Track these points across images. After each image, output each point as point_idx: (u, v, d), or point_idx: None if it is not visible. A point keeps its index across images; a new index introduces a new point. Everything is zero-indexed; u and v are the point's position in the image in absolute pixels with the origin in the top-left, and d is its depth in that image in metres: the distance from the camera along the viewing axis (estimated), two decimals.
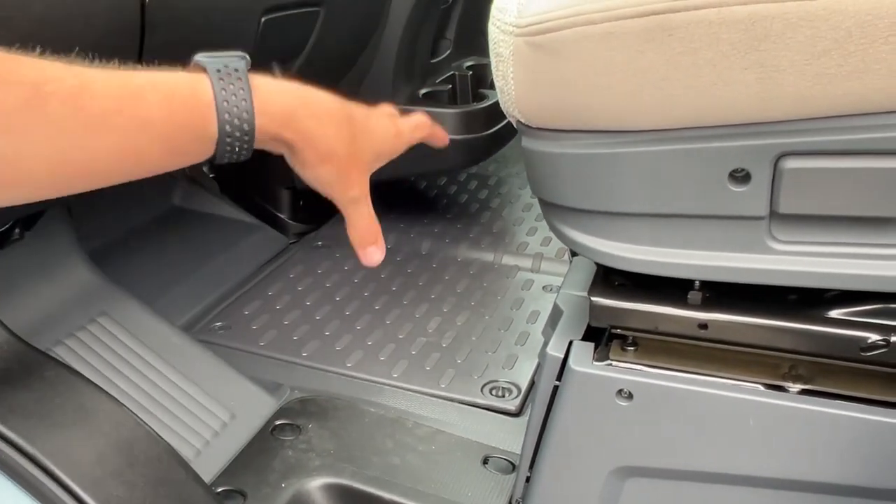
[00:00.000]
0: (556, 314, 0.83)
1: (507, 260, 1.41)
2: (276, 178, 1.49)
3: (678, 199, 0.65)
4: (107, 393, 0.79)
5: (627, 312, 0.72)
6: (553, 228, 0.74)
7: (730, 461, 0.73)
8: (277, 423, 0.98)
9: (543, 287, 1.33)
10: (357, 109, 0.60)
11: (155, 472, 0.75)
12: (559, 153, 0.69)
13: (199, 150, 0.51)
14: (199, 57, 0.51)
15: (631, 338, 0.75)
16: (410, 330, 1.20)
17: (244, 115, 0.49)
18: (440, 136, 0.72)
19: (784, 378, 0.71)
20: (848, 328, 0.66)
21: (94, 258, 1.12)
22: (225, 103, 0.49)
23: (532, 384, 1.08)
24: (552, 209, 0.74)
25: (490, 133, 1.41)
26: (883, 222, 0.61)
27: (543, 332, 0.90)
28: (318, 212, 1.53)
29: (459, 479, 0.91)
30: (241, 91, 0.49)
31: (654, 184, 0.65)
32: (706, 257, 0.67)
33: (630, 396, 0.73)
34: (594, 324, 0.74)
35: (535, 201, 0.81)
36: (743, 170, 0.61)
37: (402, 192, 1.65)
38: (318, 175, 0.57)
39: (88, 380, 0.79)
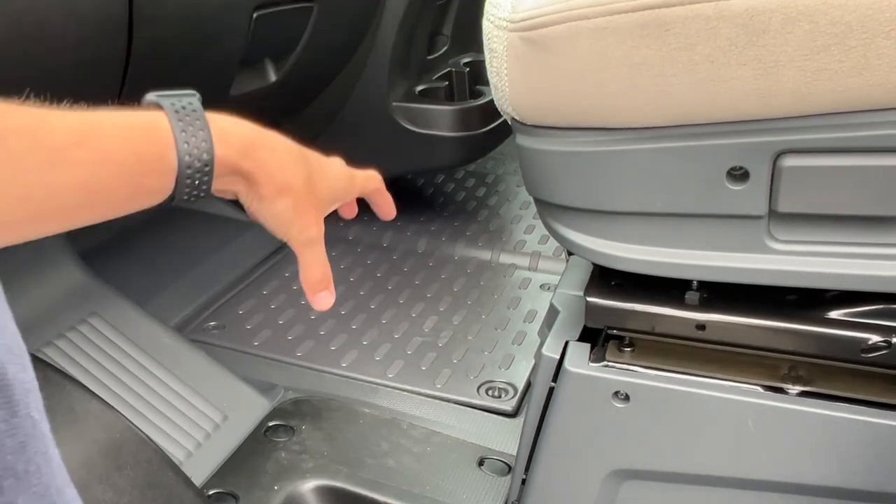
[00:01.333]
0: (552, 314, 0.82)
1: (505, 258, 1.39)
2: None
3: (675, 198, 0.63)
4: (96, 395, 0.78)
5: (624, 313, 0.71)
6: (548, 227, 0.73)
7: (728, 464, 0.71)
8: (270, 424, 0.97)
9: (541, 286, 1.32)
10: (311, 151, 0.60)
11: (144, 475, 0.74)
12: (554, 151, 0.68)
13: (160, 184, 0.50)
14: (151, 96, 0.51)
15: (628, 338, 0.73)
16: (406, 329, 1.19)
17: (203, 144, 0.49)
18: (387, 204, 0.71)
19: (783, 380, 0.69)
20: (848, 329, 0.65)
21: (86, 258, 1.10)
22: (183, 133, 0.49)
23: (529, 385, 1.06)
24: (547, 208, 0.72)
25: (487, 130, 1.40)
26: (884, 221, 0.60)
27: (539, 333, 0.89)
28: None
29: (455, 481, 0.90)
30: (198, 122, 0.50)
31: (651, 182, 0.64)
32: (704, 257, 0.65)
33: (627, 398, 0.72)
34: (590, 324, 0.73)
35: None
36: (741, 168, 0.60)
37: (399, 189, 1.63)
38: (275, 211, 0.56)
39: (77, 382, 0.78)
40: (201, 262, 1.31)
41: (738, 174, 0.60)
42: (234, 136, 0.52)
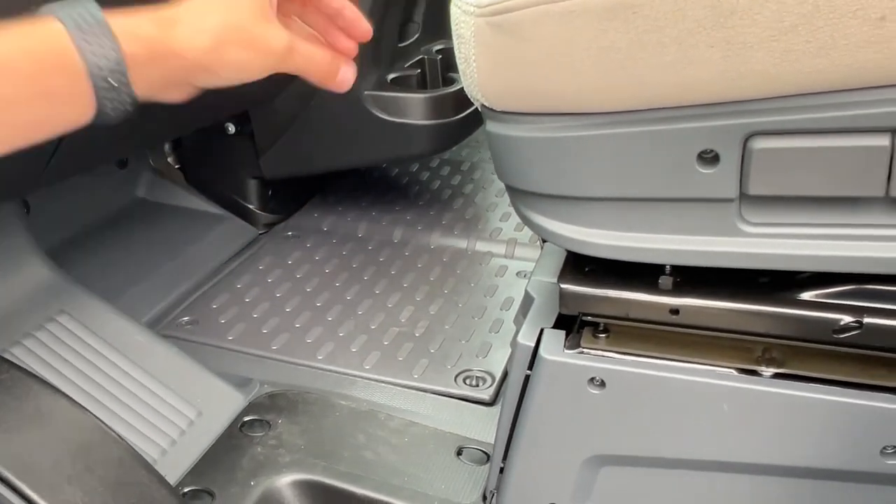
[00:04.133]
0: (527, 302, 0.81)
1: (481, 246, 1.39)
2: (243, 167, 1.46)
3: (646, 183, 0.63)
4: (64, 395, 0.76)
5: (598, 299, 0.70)
6: (520, 215, 0.72)
7: (704, 447, 0.71)
8: (246, 419, 0.96)
9: (517, 273, 1.31)
10: None
11: (115, 475, 0.72)
12: (524, 137, 0.67)
13: (71, 88, 0.48)
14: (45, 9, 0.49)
15: (602, 325, 0.73)
16: (382, 320, 1.18)
17: (105, 41, 0.48)
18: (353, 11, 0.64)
19: (757, 362, 0.69)
20: (820, 310, 0.65)
21: (54, 255, 1.08)
22: (79, 31, 0.47)
23: (506, 373, 1.06)
24: (519, 195, 0.72)
25: (461, 117, 1.39)
26: (853, 202, 0.60)
27: (515, 320, 0.89)
28: (288, 201, 1.51)
29: (433, 472, 0.90)
30: (96, 25, 0.48)
31: (622, 167, 0.63)
32: (676, 241, 0.65)
33: (602, 384, 0.72)
34: (564, 311, 0.73)
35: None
36: (711, 151, 0.59)
37: (374, 179, 1.62)
38: (230, 74, 0.54)
39: (45, 381, 0.76)
40: (172, 256, 1.29)
41: (709, 157, 0.60)
42: (141, 31, 0.50)
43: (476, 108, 0.70)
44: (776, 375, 0.69)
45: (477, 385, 1.04)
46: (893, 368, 0.66)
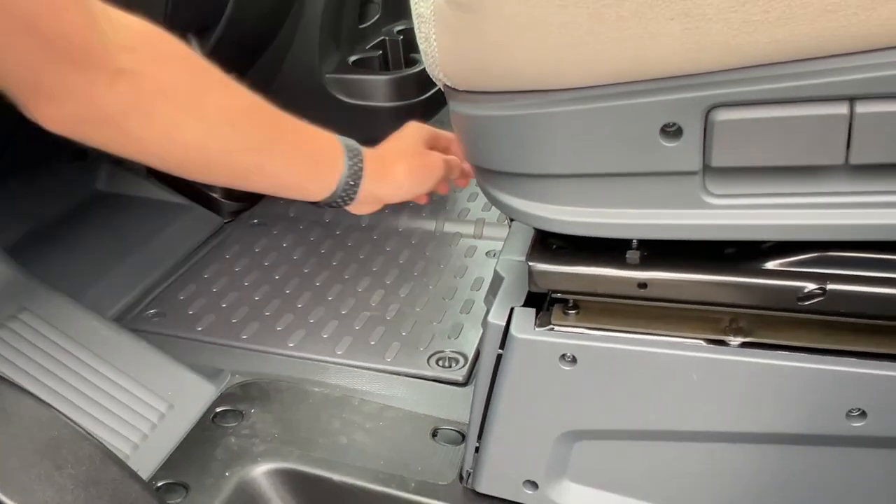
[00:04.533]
0: (496, 281, 0.81)
1: (449, 227, 1.38)
2: None
3: (610, 158, 0.63)
4: (30, 393, 0.75)
5: (567, 276, 0.71)
6: (487, 194, 0.72)
7: (676, 418, 0.72)
8: (218, 410, 0.95)
9: (486, 253, 1.31)
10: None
11: (86, 472, 0.71)
12: (487, 116, 0.66)
13: (328, 172, 0.75)
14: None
15: (571, 301, 0.73)
16: (353, 305, 1.18)
17: (357, 171, 0.77)
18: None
19: (725, 332, 0.70)
20: (785, 279, 0.66)
21: (14, 252, 1.06)
22: (349, 160, 0.76)
23: (478, 353, 1.06)
24: (484, 174, 0.71)
25: (425, 98, 1.38)
26: (815, 171, 0.60)
27: (485, 300, 0.89)
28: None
29: (409, 454, 0.90)
30: (358, 158, 0.78)
31: (586, 143, 0.63)
32: (642, 216, 0.65)
33: (574, 360, 0.72)
34: (533, 289, 0.73)
35: None
36: (674, 124, 0.60)
37: None
38: (419, 188, 0.84)
39: (8, 380, 0.75)
40: (136, 248, 1.27)
41: (672, 131, 0.60)
42: (372, 164, 0.78)
43: (439, 89, 0.70)
44: (743, 345, 0.70)
45: (450, 366, 1.04)
46: (857, 333, 0.67)
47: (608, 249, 0.70)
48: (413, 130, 0.84)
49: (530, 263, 0.71)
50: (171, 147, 0.64)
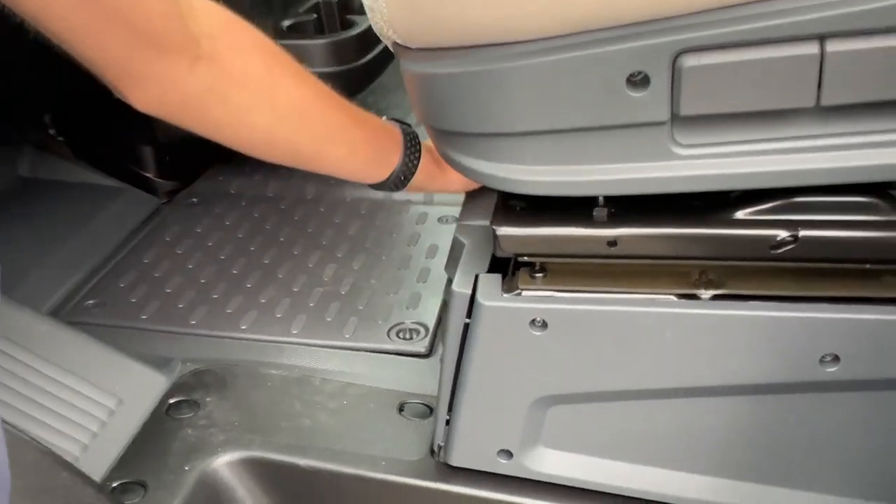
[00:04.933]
0: (456, 248, 0.78)
1: (398, 195, 1.34)
2: (135, 133, 1.36)
3: (575, 113, 0.60)
4: None
5: (534, 239, 0.68)
6: (445, 157, 0.68)
7: (650, 376, 0.71)
8: (172, 401, 0.90)
9: (439, 219, 1.28)
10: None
11: (35, 481, 0.66)
12: (443, 74, 0.63)
13: (387, 159, 0.79)
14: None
15: (538, 264, 0.71)
16: (305, 282, 1.13)
17: (413, 163, 0.80)
18: None
19: (695, 286, 0.69)
20: (756, 228, 0.65)
21: None
22: (407, 150, 0.79)
23: (439, 322, 1.04)
24: (442, 136, 0.68)
25: (365, 62, 1.33)
26: (785, 115, 0.58)
27: (446, 269, 0.86)
28: (189, 166, 1.42)
29: (376, 432, 0.87)
30: (416, 147, 0.81)
31: (548, 98, 0.60)
32: (609, 171, 0.63)
33: (544, 325, 0.70)
34: (499, 254, 0.70)
35: (422, 129, 0.77)
36: (641, 73, 0.57)
37: None
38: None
39: None
40: (69, 237, 1.20)
41: (639, 80, 0.57)
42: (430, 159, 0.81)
43: (380, 51, 0.66)
44: (715, 297, 0.68)
45: (411, 338, 1.01)
46: (828, 279, 0.66)
47: (574, 208, 0.68)
48: None
49: (495, 227, 0.68)
50: (242, 130, 0.70)
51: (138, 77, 0.62)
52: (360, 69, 1.35)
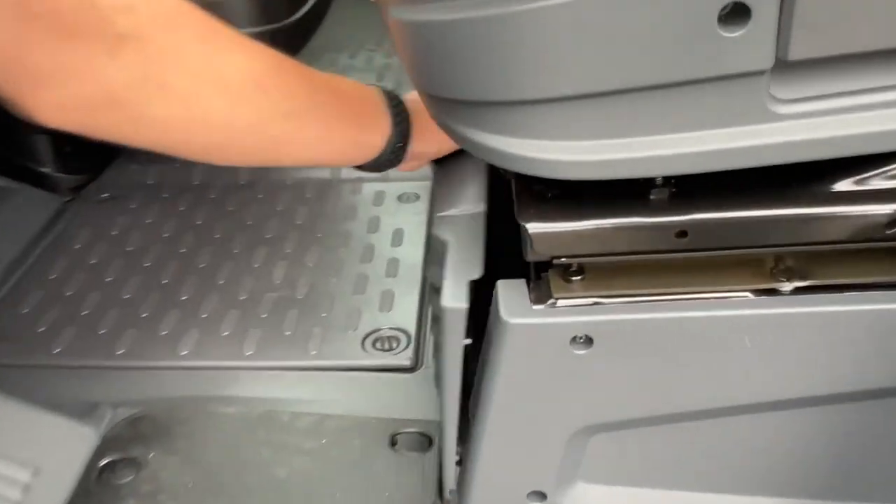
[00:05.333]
0: (439, 247, 0.62)
1: (348, 172, 1.16)
2: (25, 122, 1.13)
3: (638, 66, 0.44)
4: None
5: (582, 236, 0.52)
6: (454, 134, 0.51)
7: (724, 392, 0.57)
8: (104, 461, 0.71)
9: (399, 198, 1.11)
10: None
11: None
12: (449, 21, 0.45)
13: (375, 140, 0.65)
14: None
15: (575, 264, 0.55)
16: (252, 287, 0.95)
17: (404, 127, 0.66)
18: None
19: (773, 277, 0.54)
20: (869, 202, 0.50)
21: None
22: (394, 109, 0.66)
23: (420, 325, 0.87)
24: (447, 106, 0.51)
25: (297, 19, 1.13)
26: None
27: (428, 273, 0.70)
28: (95, 155, 1.20)
29: (368, 476, 0.70)
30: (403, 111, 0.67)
31: (599, 48, 0.44)
32: (680, 143, 0.47)
33: (589, 342, 0.54)
34: (532, 259, 0.54)
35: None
36: (738, 2, 0.41)
37: None
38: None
39: None
40: None
41: (734, 13, 0.41)
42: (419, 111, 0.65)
43: (314, 4, 0.49)
44: (797, 290, 0.54)
45: (391, 348, 0.85)
46: None
47: (620, 192, 0.52)
48: None
49: (529, 226, 0.52)
50: (194, 126, 0.55)
51: (43, 75, 0.48)
52: (291, 28, 1.15)
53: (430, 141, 0.69)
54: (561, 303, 0.55)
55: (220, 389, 0.80)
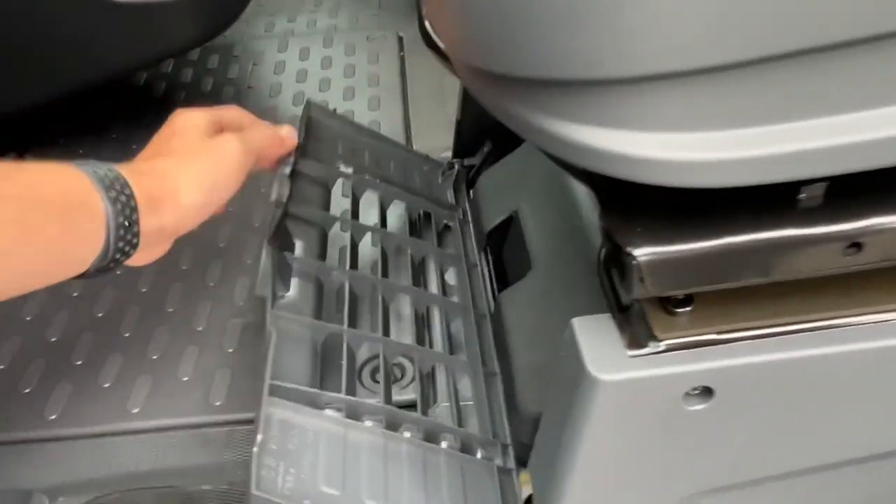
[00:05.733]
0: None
1: None
2: None
3: (793, 25, 0.29)
4: None
5: (711, 262, 0.37)
6: (521, 125, 0.36)
7: (872, 439, 0.44)
8: None
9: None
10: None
11: None
12: None
13: (92, 228, 0.47)
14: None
15: (682, 294, 0.41)
16: (209, 312, 0.77)
17: (126, 195, 0.48)
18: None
19: None
20: None
21: None
22: (102, 181, 0.48)
23: None
24: (515, 86, 0.35)
25: None
26: None
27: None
28: None
29: None
30: (119, 180, 0.49)
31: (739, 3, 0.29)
32: (839, 129, 0.33)
33: (708, 393, 0.40)
34: (642, 295, 0.39)
35: None
36: None
37: (126, 93, 1.13)
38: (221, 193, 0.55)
39: None
40: None
41: None
42: (144, 183, 0.50)
43: None
44: None
45: (397, 379, 0.69)
46: None
47: (745, 197, 0.38)
48: (183, 120, 0.56)
49: (635, 252, 0.36)
50: None
51: None
52: None
53: (166, 210, 0.51)
54: (666, 344, 0.40)
55: (192, 455, 0.63)
